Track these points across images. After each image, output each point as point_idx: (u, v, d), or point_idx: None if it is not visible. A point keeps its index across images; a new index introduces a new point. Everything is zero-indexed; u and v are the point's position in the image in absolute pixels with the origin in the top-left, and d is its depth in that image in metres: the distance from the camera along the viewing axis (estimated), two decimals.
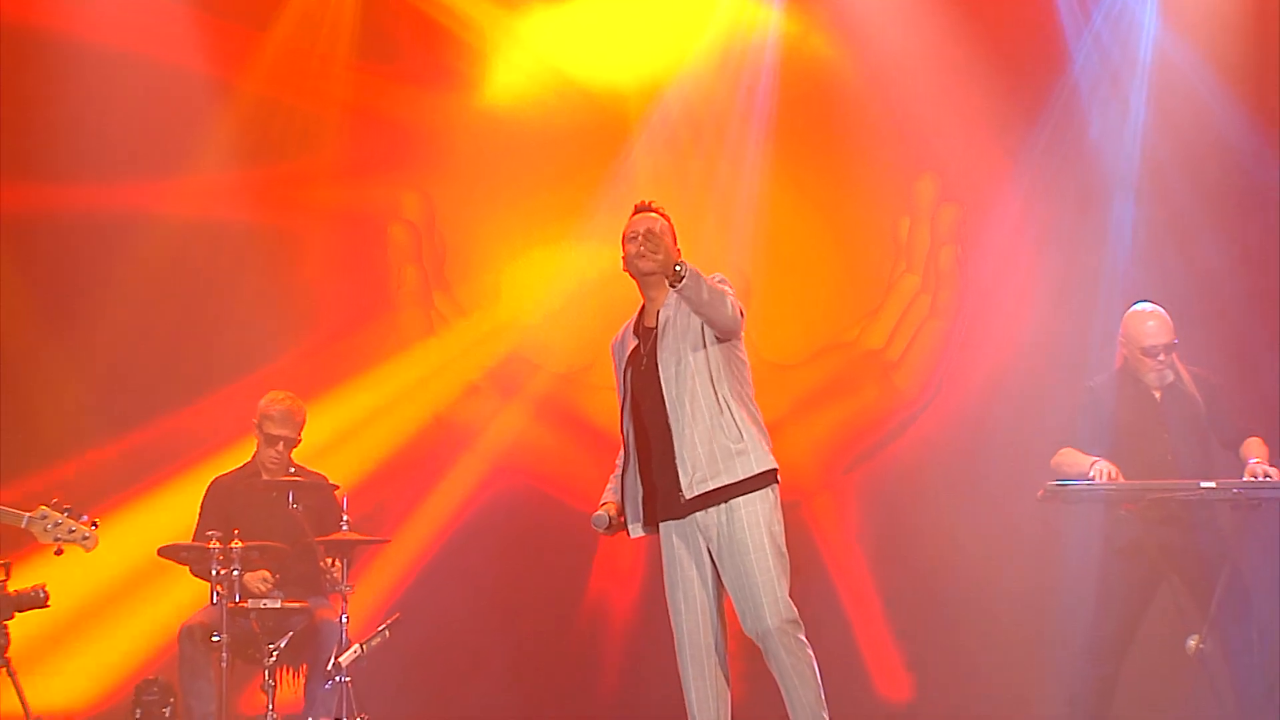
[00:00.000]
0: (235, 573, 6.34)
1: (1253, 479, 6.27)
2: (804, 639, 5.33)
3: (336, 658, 6.42)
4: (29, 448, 7.89)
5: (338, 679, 6.40)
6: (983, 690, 8.07)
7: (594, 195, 8.48)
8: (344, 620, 6.50)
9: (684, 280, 5.10)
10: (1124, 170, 8.32)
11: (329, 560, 6.58)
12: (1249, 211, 8.19)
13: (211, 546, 6.33)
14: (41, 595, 6.40)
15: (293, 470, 6.88)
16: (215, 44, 8.45)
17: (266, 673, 6.43)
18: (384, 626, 6.59)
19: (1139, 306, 6.65)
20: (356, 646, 6.44)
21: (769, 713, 5.34)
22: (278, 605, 6.49)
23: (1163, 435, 6.52)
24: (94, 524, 5.86)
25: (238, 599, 6.35)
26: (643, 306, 5.56)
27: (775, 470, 5.38)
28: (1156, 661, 6.75)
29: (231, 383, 7.93)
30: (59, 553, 5.87)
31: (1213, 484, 6.26)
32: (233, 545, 6.34)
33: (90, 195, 8.34)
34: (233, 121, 8.55)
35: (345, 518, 6.54)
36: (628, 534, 5.54)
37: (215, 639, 6.37)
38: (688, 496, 5.33)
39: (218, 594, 6.38)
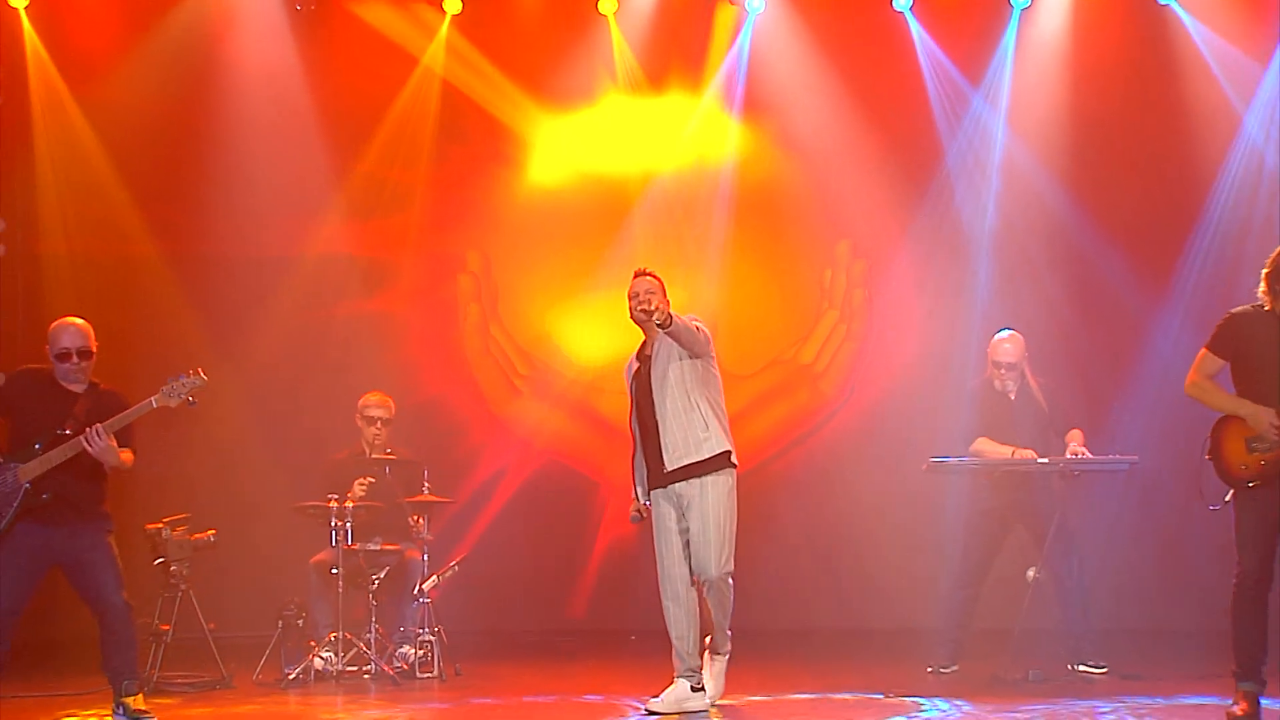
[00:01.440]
0: (348, 524, 6.36)
1: (1073, 457, 6.28)
2: (731, 583, 5.52)
3: (420, 585, 6.49)
4: (198, 432, 7.80)
5: (421, 600, 6.47)
6: (883, 606, 8.09)
7: (604, 255, 8.43)
8: (425, 558, 6.56)
9: (669, 329, 5.30)
10: (981, 235, 8.31)
11: (414, 516, 6.61)
12: (1067, 264, 8.21)
13: (331, 505, 6.38)
14: (212, 540, 6.45)
15: (388, 450, 6.85)
16: (336, 140, 8.34)
17: (370, 596, 6.45)
18: (454, 563, 6.66)
19: (1002, 333, 6.60)
20: (435, 577, 6.52)
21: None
22: (378, 548, 6.48)
23: (1014, 425, 6.47)
24: (198, 371, 5.36)
25: (350, 543, 6.37)
26: (644, 341, 5.67)
27: (730, 452, 5.47)
28: (1006, 585, 6.68)
29: (344, 384, 7.74)
30: (192, 403, 5.34)
31: (1047, 460, 6.29)
32: (346, 505, 6.40)
33: (245, 248, 8.30)
34: (347, 195, 8.45)
35: (426, 485, 6.55)
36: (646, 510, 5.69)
37: (334, 571, 6.40)
38: (669, 469, 5.44)
39: (336, 539, 6.39)
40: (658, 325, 5.31)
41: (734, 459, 5.53)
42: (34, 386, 5.40)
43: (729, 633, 5.66)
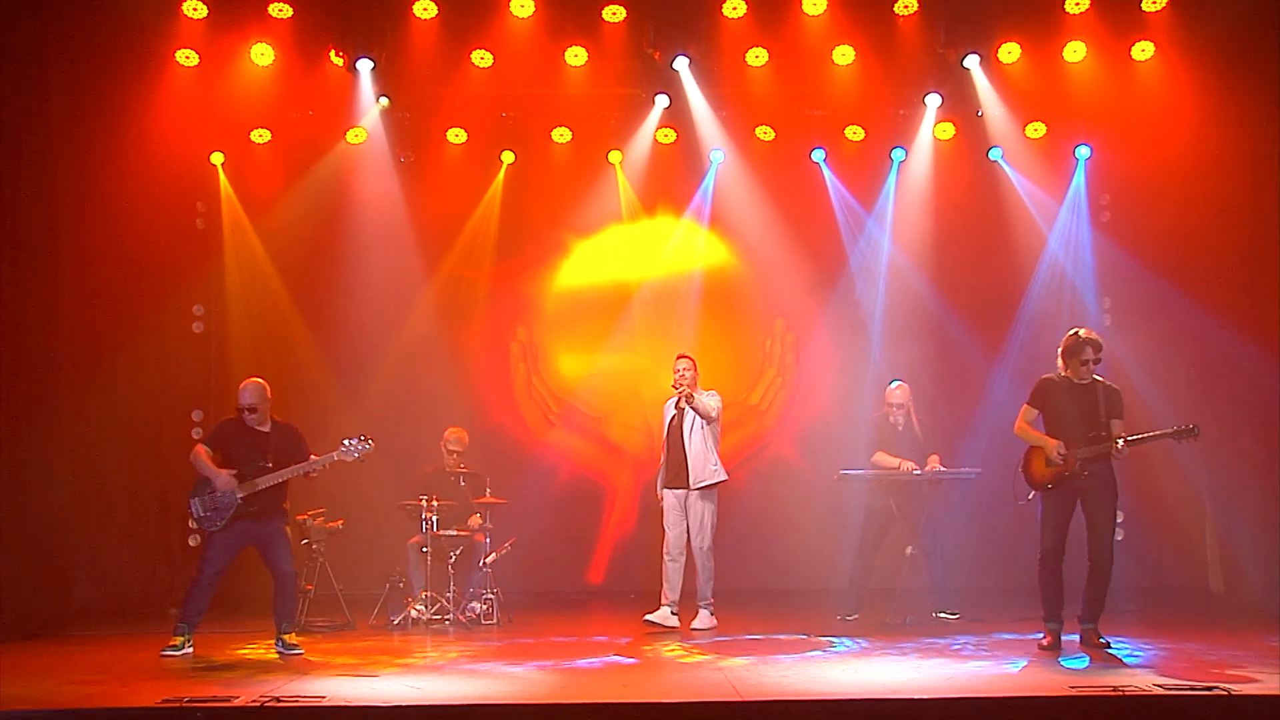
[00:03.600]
0: (435, 519, 6.50)
1: (935, 470, 6.49)
2: (711, 553, 6.01)
3: (484, 560, 6.63)
4: (331, 451, 7.84)
5: (485, 570, 6.62)
6: (806, 572, 8.09)
7: (611, 331, 8.55)
8: (488, 541, 6.70)
9: (691, 404, 5.89)
10: (875, 313, 8.37)
11: (475, 515, 6.79)
12: (932, 334, 8.30)
13: (422, 504, 6.55)
14: (341, 527, 6.63)
15: (462, 467, 6.98)
16: (427, 250, 8.34)
17: (449, 567, 6.55)
18: (509, 544, 6.76)
19: (893, 383, 6.73)
20: (494, 554, 6.66)
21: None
22: (455, 533, 6.64)
23: (899, 447, 6.59)
24: (367, 438, 5.58)
25: (436, 530, 6.52)
26: (678, 397, 6.17)
27: (725, 480, 6.05)
28: (892, 558, 6.81)
29: (433, 416, 7.72)
30: (363, 461, 5.59)
31: (920, 471, 6.45)
32: (433, 503, 6.56)
33: (363, 323, 8.29)
34: (434, 287, 8.46)
35: (488, 490, 6.72)
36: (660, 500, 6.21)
37: (425, 550, 6.56)
38: (693, 487, 6.01)
39: (426, 527, 6.53)
40: (687, 403, 5.91)
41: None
42: (234, 432, 5.74)
43: (710, 593, 6.05)
